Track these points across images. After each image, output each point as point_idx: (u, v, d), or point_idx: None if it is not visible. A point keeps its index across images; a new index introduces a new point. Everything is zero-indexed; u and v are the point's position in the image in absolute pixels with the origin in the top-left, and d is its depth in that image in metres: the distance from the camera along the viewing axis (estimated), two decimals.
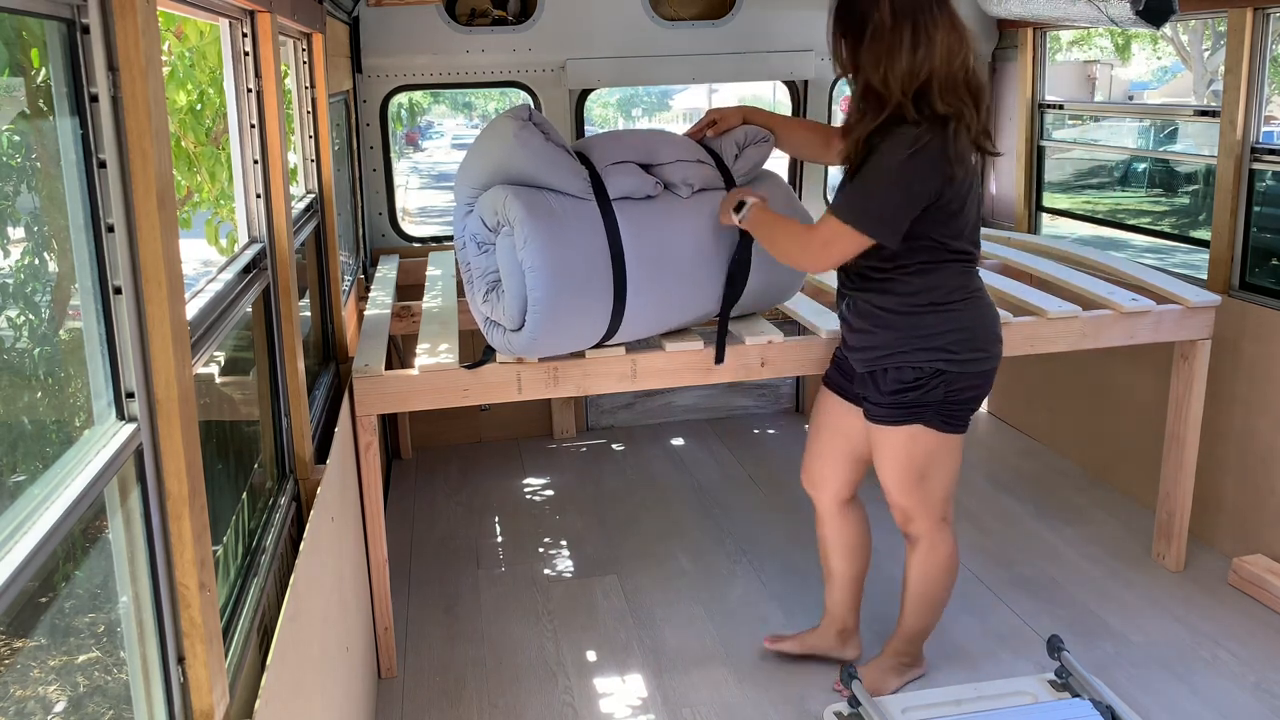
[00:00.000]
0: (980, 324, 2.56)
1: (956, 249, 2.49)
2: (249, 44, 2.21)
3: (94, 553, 1.35)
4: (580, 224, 2.64)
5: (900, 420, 2.57)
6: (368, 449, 2.89)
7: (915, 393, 2.53)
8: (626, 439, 4.94)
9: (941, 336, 2.50)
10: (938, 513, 2.70)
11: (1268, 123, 3.59)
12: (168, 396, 1.31)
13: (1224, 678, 2.93)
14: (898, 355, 2.53)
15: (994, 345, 2.59)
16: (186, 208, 4.34)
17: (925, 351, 2.50)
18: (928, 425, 2.56)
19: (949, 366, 2.50)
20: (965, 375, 2.53)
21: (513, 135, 2.61)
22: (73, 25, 1.21)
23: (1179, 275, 3.65)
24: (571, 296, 2.62)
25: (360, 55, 4.31)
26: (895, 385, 2.55)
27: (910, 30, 2.34)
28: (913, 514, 2.71)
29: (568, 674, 3.05)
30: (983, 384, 2.60)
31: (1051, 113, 4.63)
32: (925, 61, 2.34)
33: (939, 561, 2.76)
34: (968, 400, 2.58)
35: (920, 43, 2.34)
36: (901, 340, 2.52)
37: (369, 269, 4.50)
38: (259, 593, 1.87)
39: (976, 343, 2.54)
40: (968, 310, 2.53)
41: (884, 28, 2.36)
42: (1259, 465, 3.45)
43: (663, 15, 4.47)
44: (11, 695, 1.21)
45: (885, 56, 2.36)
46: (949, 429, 2.59)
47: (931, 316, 2.50)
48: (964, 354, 2.51)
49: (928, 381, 2.51)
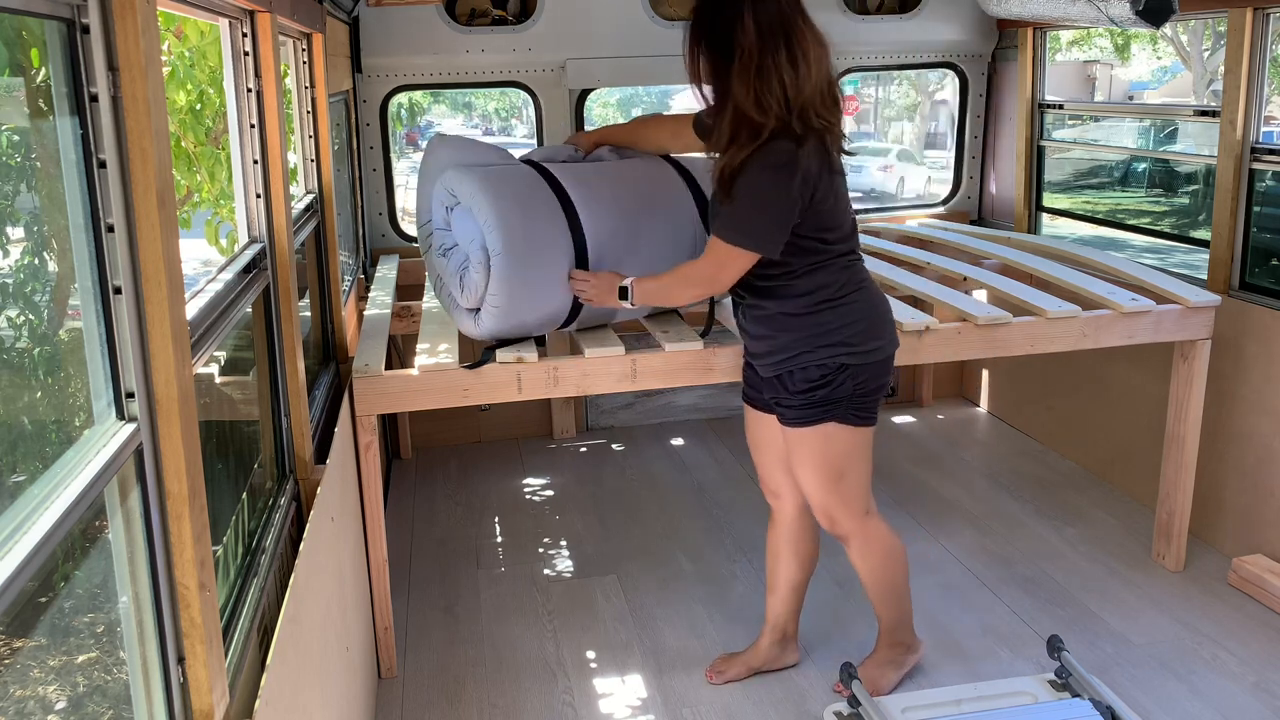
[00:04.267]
0: (874, 314, 2.59)
1: (839, 247, 2.52)
2: (249, 44, 2.21)
3: (94, 553, 1.34)
4: (518, 176, 2.89)
5: (813, 420, 2.59)
6: (368, 449, 2.89)
7: (824, 390, 2.55)
8: (626, 439, 4.94)
9: (840, 331, 2.52)
10: (859, 507, 2.70)
11: (1268, 123, 3.59)
12: (168, 396, 1.31)
13: (1224, 678, 2.92)
14: (802, 355, 2.55)
15: (890, 332, 2.63)
16: (186, 208, 4.34)
17: (827, 348, 2.52)
18: (841, 422, 2.58)
19: (852, 359, 2.53)
20: (868, 366, 2.56)
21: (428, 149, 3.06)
22: (73, 25, 1.21)
23: (1179, 275, 3.65)
24: (528, 242, 2.76)
25: (360, 55, 4.31)
26: (803, 385, 2.57)
27: (785, 49, 2.30)
28: (835, 514, 2.70)
29: (568, 674, 3.05)
30: (885, 373, 2.62)
31: (1051, 113, 4.64)
32: (805, 80, 2.31)
33: (878, 553, 2.77)
34: (874, 391, 2.60)
35: (797, 59, 2.30)
36: (803, 340, 2.54)
37: (369, 269, 4.50)
38: (259, 593, 1.87)
39: (874, 332, 2.57)
40: (860, 302, 2.56)
41: (752, 50, 2.29)
42: (1259, 465, 3.45)
43: (663, 15, 4.47)
44: (11, 695, 1.20)
45: (757, 79, 2.30)
46: (861, 422, 2.60)
47: (828, 313, 2.52)
48: (865, 345, 2.54)
49: (835, 377, 2.53)
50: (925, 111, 19.64)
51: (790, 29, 2.31)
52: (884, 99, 21.12)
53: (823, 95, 2.37)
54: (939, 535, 3.81)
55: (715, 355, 2.98)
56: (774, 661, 2.97)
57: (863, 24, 4.62)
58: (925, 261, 3.98)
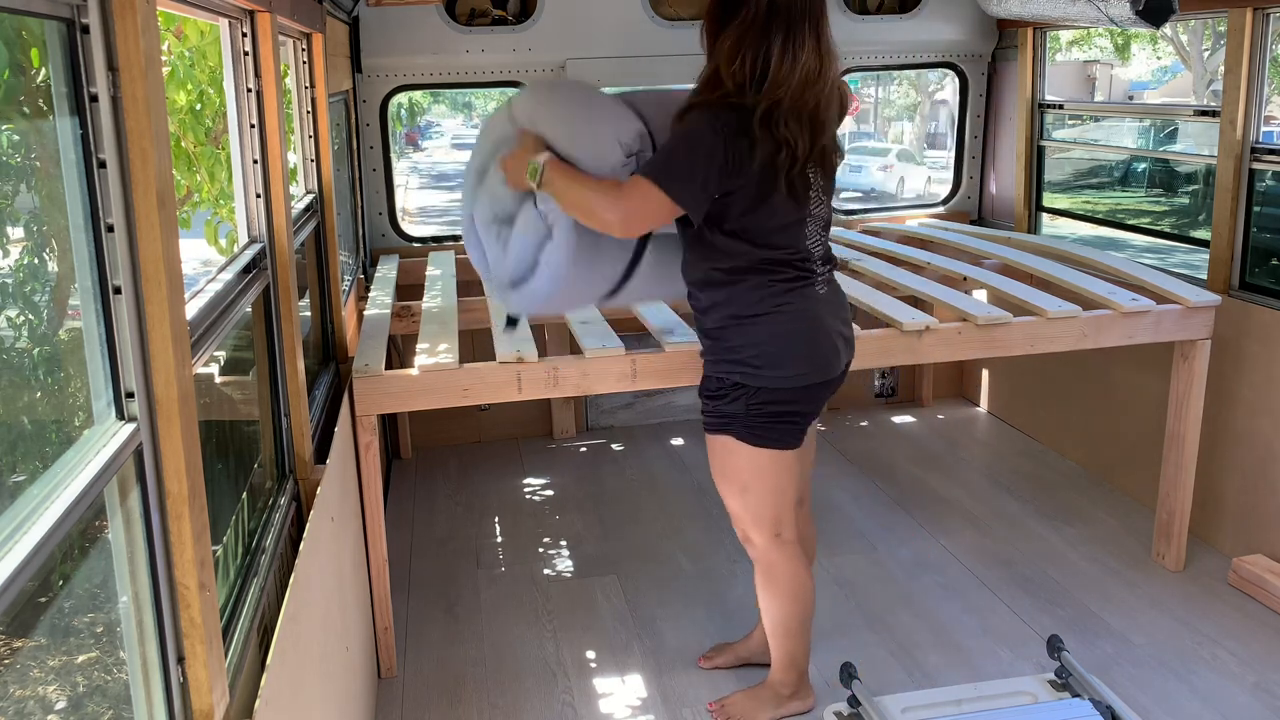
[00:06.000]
0: (789, 341, 2.46)
1: (759, 259, 2.42)
2: (249, 44, 2.21)
3: (94, 552, 1.34)
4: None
5: (713, 429, 2.59)
6: (368, 449, 2.89)
7: (718, 402, 2.54)
8: (626, 439, 4.94)
9: (740, 350, 2.47)
10: (769, 529, 2.64)
11: (1268, 123, 3.59)
12: (168, 396, 1.31)
13: (1224, 678, 2.92)
14: (708, 364, 2.57)
15: (809, 363, 2.48)
16: (186, 208, 4.34)
17: (727, 364, 2.50)
18: (737, 437, 2.54)
19: (745, 380, 2.48)
20: (764, 390, 2.47)
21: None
22: (73, 25, 1.21)
23: (1179, 275, 3.65)
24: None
25: (360, 55, 4.31)
26: (704, 393, 2.59)
27: (782, 37, 2.27)
28: (745, 527, 2.68)
29: (568, 674, 3.05)
30: (794, 399, 2.50)
31: (1051, 113, 4.64)
32: (787, 77, 2.27)
33: (780, 585, 2.68)
34: (774, 415, 2.50)
35: (788, 54, 2.27)
36: (711, 350, 2.55)
37: (369, 269, 4.50)
38: (259, 593, 1.87)
39: (779, 359, 2.45)
40: (772, 325, 2.45)
41: (754, 19, 2.28)
42: (1259, 465, 3.45)
43: (663, 15, 4.47)
44: (11, 695, 1.20)
45: (744, 45, 2.28)
46: (757, 443, 2.52)
47: (734, 330, 2.48)
48: (766, 369, 2.46)
49: (729, 392, 2.51)
50: (925, 111, 19.66)
51: (794, 23, 2.29)
52: (884, 99, 21.14)
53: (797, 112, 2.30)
54: (939, 535, 3.81)
55: None
56: (765, 656, 2.96)
57: (863, 24, 4.62)
58: (925, 261, 3.99)
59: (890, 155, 17.42)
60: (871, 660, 3.04)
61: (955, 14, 4.68)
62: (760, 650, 2.98)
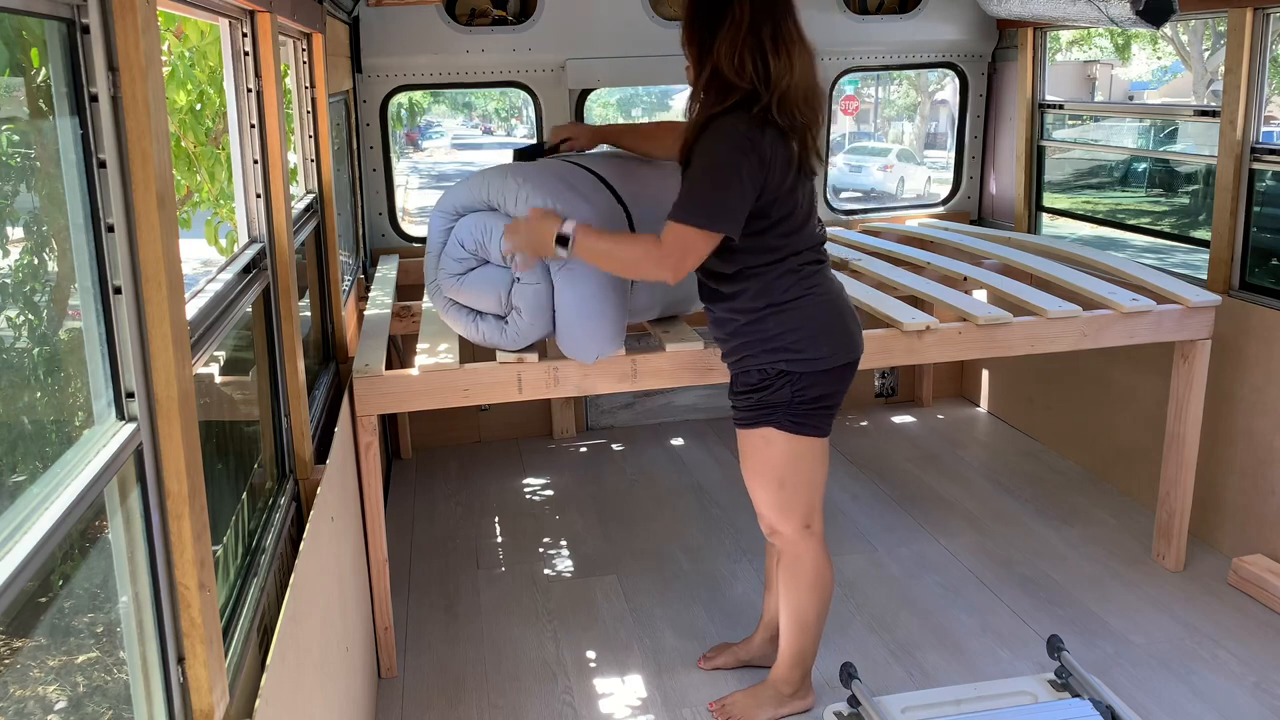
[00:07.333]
0: (823, 322, 2.52)
1: (790, 249, 2.49)
2: (249, 44, 2.21)
3: (94, 552, 1.34)
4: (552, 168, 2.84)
5: (751, 422, 2.59)
6: (368, 449, 2.89)
7: (761, 393, 2.55)
8: (626, 439, 4.94)
9: (781, 337, 2.50)
10: (799, 520, 2.66)
11: (1268, 123, 3.59)
12: (168, 396, 1.31)
13: (1224, 678, 2.92)
14: (746, 359, 2.56)
15: (842, 342, 2.55)
16: (186, 208, 4.34)
17: (769, 353, 2.51)
18: (778, 428, 2.55)
19: (791, 366, 2.50)
20: (808, 375, 2.51)
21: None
22: (73, 25, 1.21)
23: (1179, 275, 3.65)
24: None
25: (360, 55, 4.31)
26: (743, 387, 2.59)
27: (770, 34, 2.34)
28: (774, 521, 2.69)
29: (568, 674, 3.05)
30: (832, 383, 2.55)
31: (1051, 113, 4.64)
32: (785, 69, 2.34)
33: (803, 577, 2.70)
34: (816, 400, 2.54)
35: (780, 48, 2.34)
36: (748, 345, 2.55)
37: (369, 269, 4.50)
38: (259, 593, 1.87)
39: (819, 340, 2.51)
40: (808, 309, 2.51)
41: (743, 19, 2.34)
42: (1259, 465, 3.45)
43: (663, 15, 4.47)
44: (11, 695, 1.20)
45: (741, 45, 2.34)
46: (800, 431, 2.56)
47: (772, 319, 2.50)
48: (806, 352, 2.50)
49: (773, 382, 2.52)
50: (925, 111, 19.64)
51: (779, 19, 2.36)
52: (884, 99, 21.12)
53: (806, 95, 2.39)
54: (939, 535, 3.81)
55: (715, 355, 2.96)
56: (764, 659, 2.96)
57: (863, 24, 4.62)
58: (925, 261, 3.99)
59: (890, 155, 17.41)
60: (871, 660, 3.04)
61: (955, 14, 4.68)
62: (760, 653, 2.98)
